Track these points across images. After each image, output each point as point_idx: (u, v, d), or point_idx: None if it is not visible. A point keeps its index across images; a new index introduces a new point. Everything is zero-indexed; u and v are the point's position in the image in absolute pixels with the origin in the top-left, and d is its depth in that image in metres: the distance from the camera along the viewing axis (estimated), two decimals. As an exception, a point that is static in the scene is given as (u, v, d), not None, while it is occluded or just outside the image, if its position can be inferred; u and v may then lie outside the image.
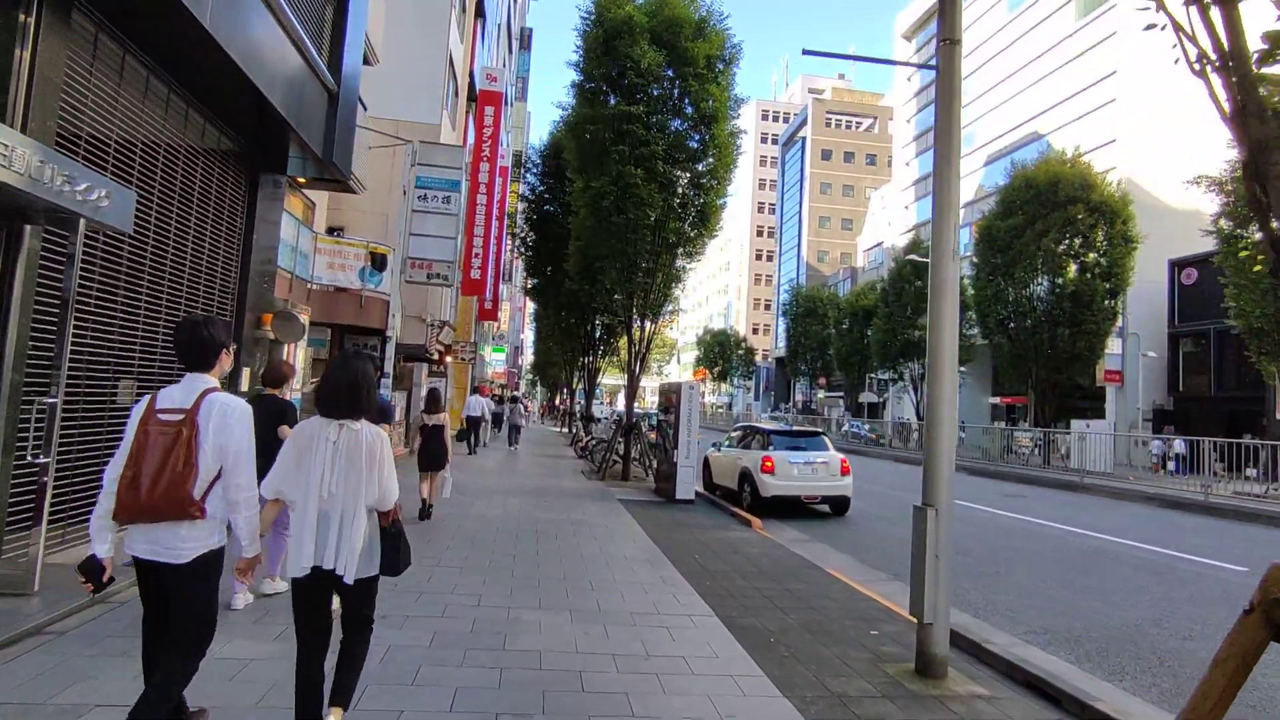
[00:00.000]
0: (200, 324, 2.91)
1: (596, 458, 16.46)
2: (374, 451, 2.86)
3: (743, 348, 71.54)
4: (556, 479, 13.99)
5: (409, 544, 3.06)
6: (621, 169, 13.04)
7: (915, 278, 37.85)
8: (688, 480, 11.27)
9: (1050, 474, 20.72)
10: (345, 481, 2.80)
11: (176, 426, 2.67)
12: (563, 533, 8.14)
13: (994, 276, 29.05)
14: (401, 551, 2.97)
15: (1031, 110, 39.36)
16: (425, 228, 14.15)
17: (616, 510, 10.19)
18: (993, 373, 44.45)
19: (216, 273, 8.00)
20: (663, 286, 14.50)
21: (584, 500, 11.00)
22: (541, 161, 24.56)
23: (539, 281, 25.32)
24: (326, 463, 2.79)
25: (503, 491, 11.48)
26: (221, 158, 7.95)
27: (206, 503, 2.68)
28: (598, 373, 26.88)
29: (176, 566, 2.66)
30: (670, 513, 10.26)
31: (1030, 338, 28.27)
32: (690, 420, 11.29)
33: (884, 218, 57.05)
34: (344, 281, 13.60)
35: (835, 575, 6.81)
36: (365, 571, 2.85)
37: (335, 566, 2.75)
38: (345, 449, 2.82)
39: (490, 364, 41.68)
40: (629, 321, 14.55)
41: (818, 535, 9.47)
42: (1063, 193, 27.15)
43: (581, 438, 20.51)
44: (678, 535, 8.48)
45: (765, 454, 10.68)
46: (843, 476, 10.76)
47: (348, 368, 2.92)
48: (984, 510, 12.56)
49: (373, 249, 14.01)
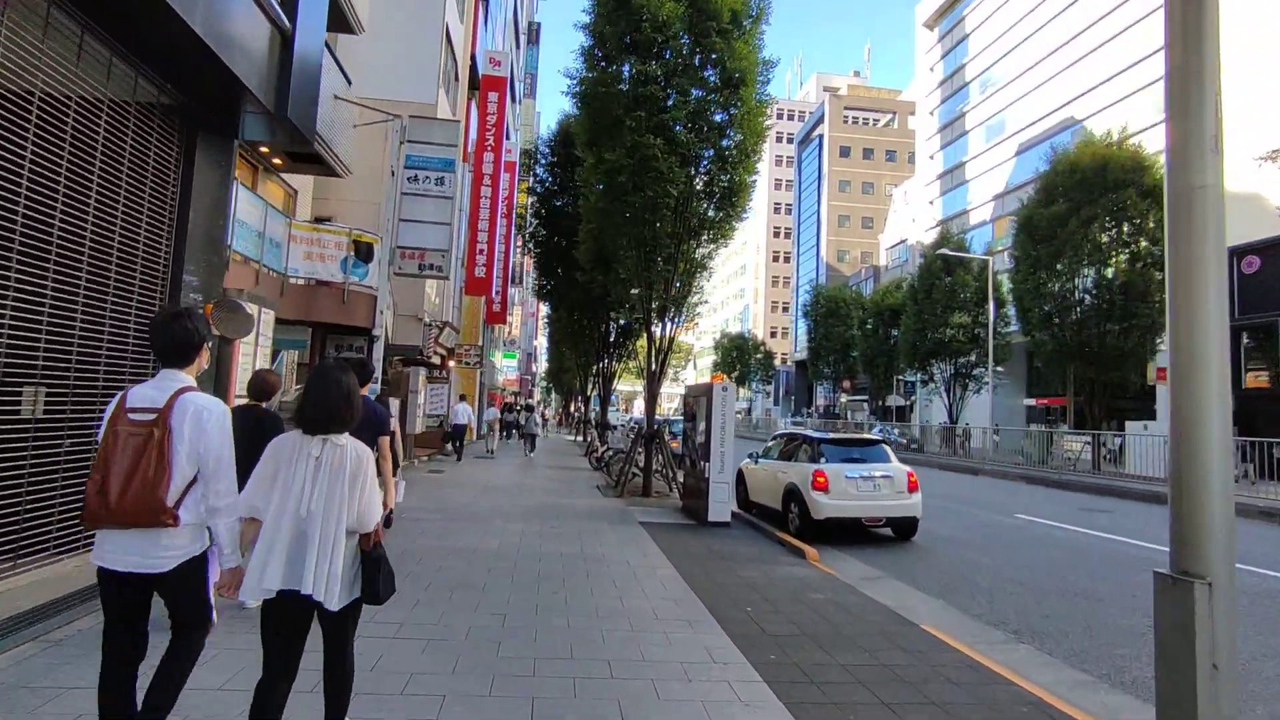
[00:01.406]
0: (181, 315, 2.72)
1: (613, 470, 14.74)
2: (357, 469, 2.68)
3: (761, 351, 69.80)
4: (568, 496, 12.26)
5: (391, 569, 2.82)
6: (638, 139, 11.34)
7: (945, 273, 35.94)
8: (722, 499, 9.50)
9: (1117, 482, 18.72)
10: (327, 499, 2.60)
11: (148, 427, 2.51)
12: (573, 574, 6.40)
13: (1035, 269, 27.13)
14: (384, 577, 2.76)
15: (1067, 94, 37.30)
16: (416, 212, 12.50)
17: (639, 537, 8.44)
18: (1026, 372, 42.33)
19: (137, 255, 6.37)
20: (686, 276, 12.76)
21: (599, 524, 9.26)
22: (550, 151, 22.97)
23: (550, 282, 23.68)
24: (308, 478, 2.60)
25: (504, 514, 9.77)
26: (143, 112, 6.33)
27: (181, 509, 2.53)
28: (613, 377, 25.24)
29: (160, 575, 2.54)
30: (703, 540, 8.50)
31: (1075, 334, 26.29)
32: (723, 428, 9.53)
33: (907, 214, 55.01)
34: (324, 274, 12.00)
35: (940, 638, 5.02)
36: (346, 598, 2.66)
37: (314, 592, 2.53)
38: (328, 465, 2.63)
39: (501, 370, 40.07)
40: (647, 317, 12.82)
41: (887, 568, 7.67)
42: (1112, 176, 25.22)
43: (596, 447, 18.79)
44: (718, 574, 6.72)
45: (816, 468, 8.87)
46: (910, 494, 8.94)
47: (327, 379, 2.72)
48: (1078, 531, 10.68)
49: (356, 237, 12.41)
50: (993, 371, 32.62)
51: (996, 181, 43.05)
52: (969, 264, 35.67)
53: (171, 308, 2.85)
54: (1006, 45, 42.72)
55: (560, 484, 14.04)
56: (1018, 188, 40.45)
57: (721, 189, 12.13)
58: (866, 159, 70.30)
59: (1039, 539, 9.66)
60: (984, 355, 34.27)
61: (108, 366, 5.96)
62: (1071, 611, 6.04)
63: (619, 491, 12.62)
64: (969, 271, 35.62)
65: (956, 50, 48.88)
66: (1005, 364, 36.06)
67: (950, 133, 49.19)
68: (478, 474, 15.31)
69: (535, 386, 72.53)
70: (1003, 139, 42.82)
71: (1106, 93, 34.35)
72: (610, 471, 14.82)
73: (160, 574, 2.54)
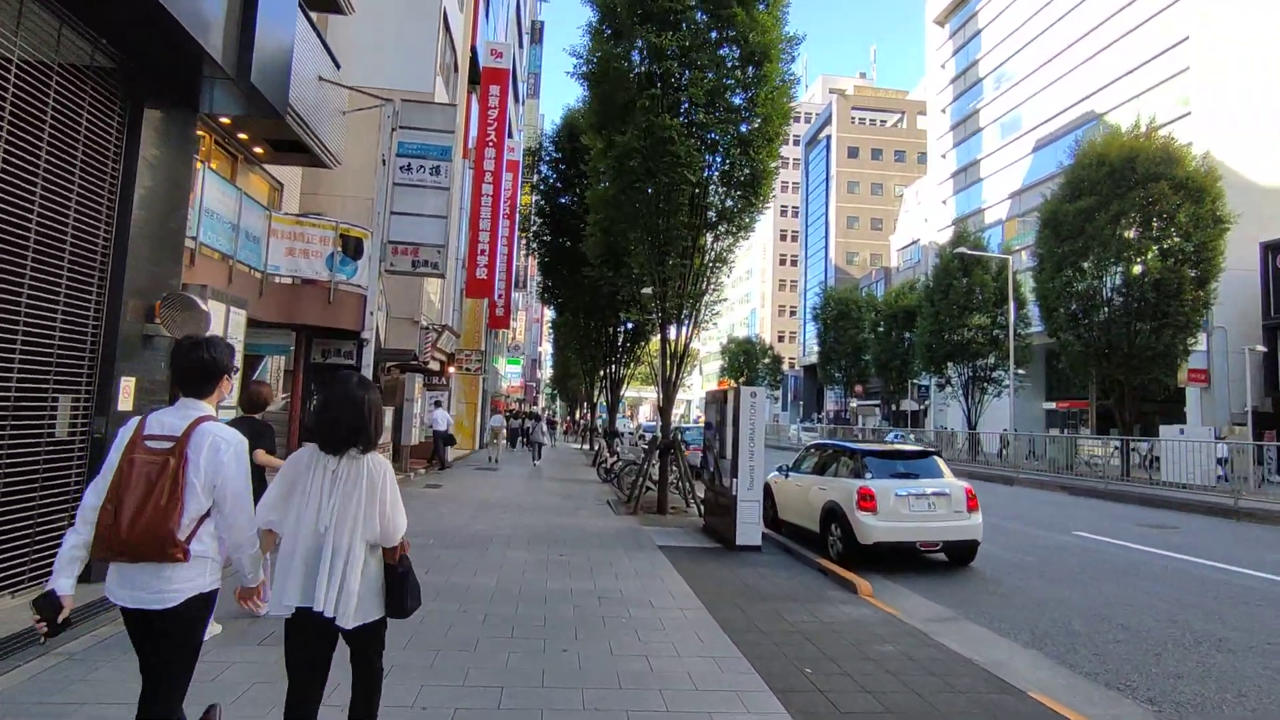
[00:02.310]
0: (201, 345, 2.63)
1: (624, 483, 13.65)
2: (375, 480, 2.59)
3: (769, 356, 68.65)
4: (576, 513, 11.17)
5: (418, 582, 2.73)
6: (653, 119, 10.29)
7: (962, 273, 34.79)
8: (752, 520, 8.39)
9: (1161, 491, 17.53)
10: (343, 513, 2.52)
11: (164, 456, 2.41)
12: (587, 621, 5.31)
13: (1061, 267, 25.97)
14: (409, 591, 2.65)
15: (1086, 88, 36.15)
16: (410, 205, 11.46)
17: (659, 567, 7.35)
18: (1045, 375, 41.08)
19: (64, 244, 5.33)
20: (704, 271, 11.69)
21: (613, 550, 8.17)
22: (555, 147, 21.92)
23: (554, 284, 22.62)
24: (324, 492, 2.53)
25: (504, 538, 8.68)
26: (71, 73, 5.30)
27: (192, 543, 2.41)
28: (621, 383, 24.15)
29: (161, 612, 2.38)
30: (733, 569, 7.39)
31: (1103, 334, 25.12)
32: (753, 439, 8.43)
33: (919, 214, 53.88)
34: (308, 271, 10.96)
35: (1063, 714, 3.90)
36: (370, 615, 2.58)
37: (326, 608, 2.44)
38: (346, 479, 2.56)
39: (505, 377, 39.03)
40: (663, 317, 11.74)
41: (955, 604, 6.55)
42: (1141, 169, 24.09)
43: (605, 457, 17.69)
44: (761, 619, 5.61)
45: (862, 484, 7.75)
46: (970, 513, 7.81)
47: (350, 396, 2.61)
48: (1155, 553, 9.54)
49: (344, 231, 11.37)
50: (1014, 374, 31.38)
51: (1013, 179, 41.91)
52: (987, 263, 34.52)
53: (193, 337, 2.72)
54: (1022, 39, 41.61)
55: (567, 499, 12.96)
56: (1036, 184, 39.31)
57: (744, 175, 11.06)
58: (875, 160, 69.24)
59: (1116, 564, 8.51)
60: (1003, 357, 33.13)
61: (22, 373, 4.91)
62: (1206, 668, 4.92)
63: (632, 508, 11.52)
64: (987, 271, 34.47)
65: (969, 46, 47.82)
66: (1025, 367, 34.86)
67: (963, 130, 48.07)
68: (477, 488, 14.24)
69: (540, 393, 71.56)
70: (1019, 135, 41.68)
71: (1128, 86, 33.20)
72: (621, 485, 13.73)
73: (160, 611, 2.39)
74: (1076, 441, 29.86)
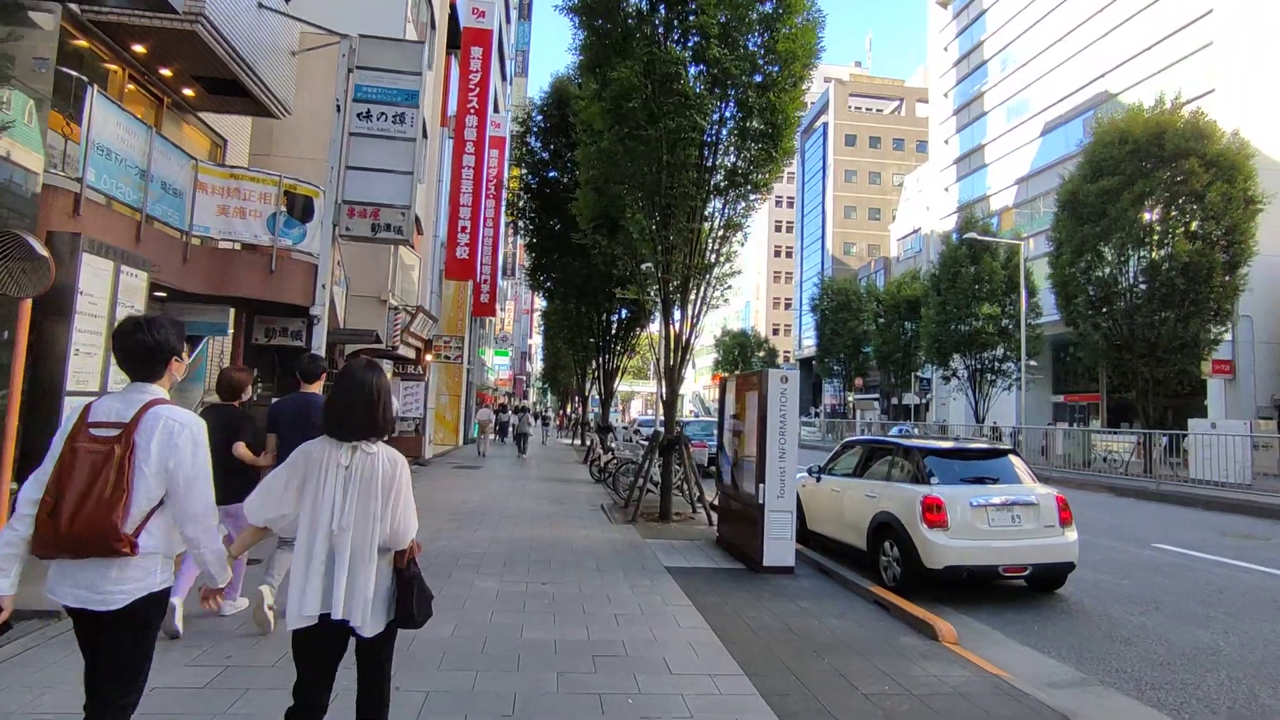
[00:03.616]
0: (141, 326, 2.29)
1: (621, 485, 11.98)
2: (391, 478, 2.38)
3: (764, 349, 67.22)
4: (565, 522, 9.49)
5: (429, 591, 2.50)
6: (655, 51, 8.60)
7: (971, 260, 33.26)
8: (783, 534, 6.73)
9: (1201, 491, 16.08)
10: (360, 514, 2.31)
11: (109, 444, 2.14)
12: (578, 701, 3.63)
13: (1082, 251, 24.47)
14: (420, 598, 2.44)
15: (1099, 68, 34.60)
16: (369, 158, 9.68)
17: (671, 600, 5.69)
18: (1053, 367, 39.67)
19: None
20: (714, 238, 10.02)
21: (611, 574, 6.50)
22: (544, 117, 20.11)
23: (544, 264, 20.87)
24: (338, 491, 2.30)
25: (475, 558, 6.99)
26: None
27: (141, 536, 2.14)
28: (614, 374, 22.48)
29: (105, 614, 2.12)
30: (768, 603, 5.73)
31: (1126, 322, 23.66)
32: (783, 435, 6.77)
33: (920, 202, 52.36)
34: (245, 234, 9.20)
35: None
36: (379, 625, 2.37)
37: (348, 616, 2.26)
38: (360, 475, 2.33)
39: (492, 369, 37.23)
40: (665, 294, 10.05)
41: (1067, 653, 4.92)
42: (1170, 146, 22.58)
43: (598, 454, 16.02)
44: (823, 687, 3.96)
45: (927, 492, 6.08)
46: (1063, 529, 6.15)
47: (359, 381, 2.39)
48: (1262, 572, 7.95)
49: (290, 187, 9.62)
50: (1025, 365, 29.90)
51: (1020, 164, 40.39)
52: (996, 250, 33.01)
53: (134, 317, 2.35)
54: (1030, 19, 40.01)
55: (555, 503, 11.28)
56: (1045, 169, 37.82)
57: (765, 123, 9.37)
58: (873, 148, 67.63)
59: (1240, 590, 6.79)
60: (1013, 348, 31.66)
61: None
62: None
63: (630, 514, 9.85)
64: (996, 258, 32.97)
65: (973, 27, 46.20)
66: (1034, 358, 33.44)
67: (967, 115, 46.50)
68: (454, 489, 12.53)
69: (530, 387, 69.87)
70: (1026, 118, 40.12)
71: (1145, 63, 31.66)
72: (617, 486, 12.06)
73: (108, 612, 2.12)
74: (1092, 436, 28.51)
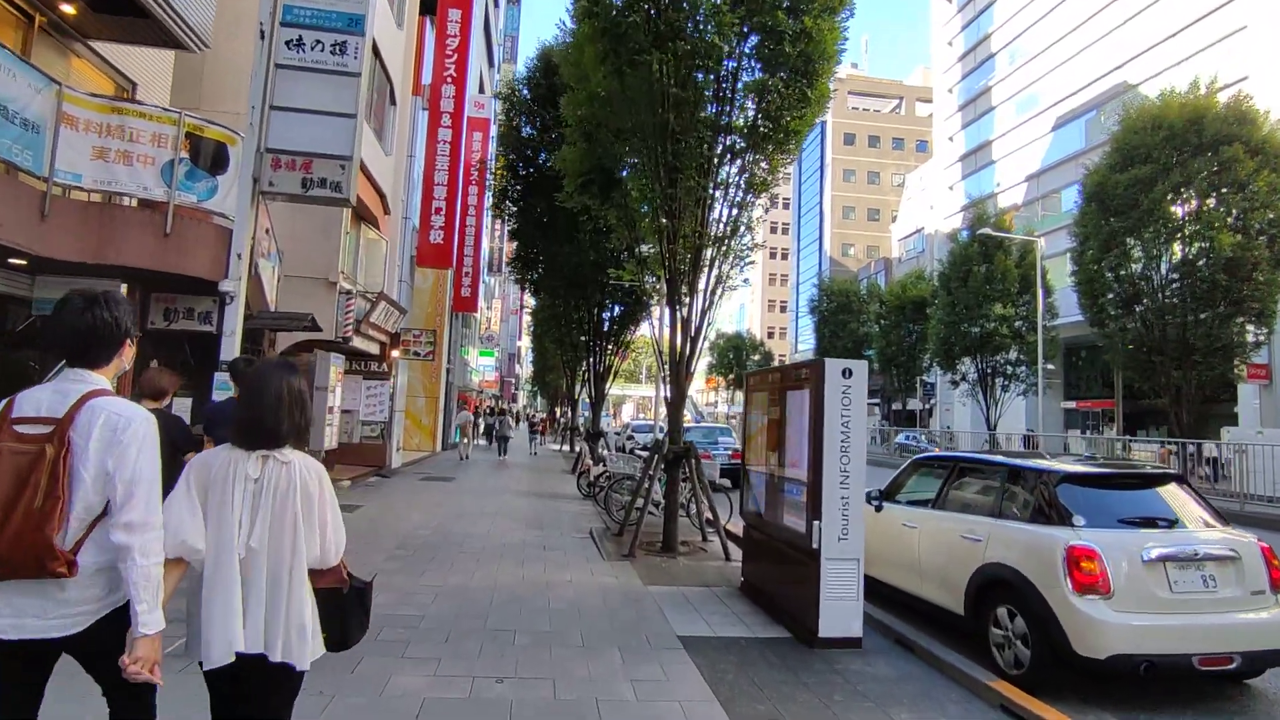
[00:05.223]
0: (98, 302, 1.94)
1: (614, 505, 9.96)
2: (311, 491, 2.06)
3: (760, 352, 65.44)
4: (545, 560, 7.45)
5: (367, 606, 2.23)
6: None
7: (983, 259, 31.48)
8: (847, 592, 4.73)
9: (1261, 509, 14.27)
10: (274, 532, 1.98)
11: (38, 443, 1.77)
12: None
13: (1110, 246, 22.73)
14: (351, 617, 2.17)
15: (1116, 58, 32.94)
16: (299, 96, 7.62)
17: (694, 704, 3.69)
18: (1065, 372, 37.96)
19: None
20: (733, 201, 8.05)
21: (603, 656, 4.50)
22: (530, 90, 18.07)
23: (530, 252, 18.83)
24: (246, 508, 1.98)
25: (407, 625, 4.96)
26: None
27: (83, 553, 1.79)
28: (606, 375, 20.46)
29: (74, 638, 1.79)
30: (842, 711, 3.74)
31: (1158, 322, 21.91)
32: (847, 449, 4.79)
33: (924, 201, 50.68)
34: (131, 185, 7.14)
35: None
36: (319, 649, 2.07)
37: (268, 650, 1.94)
38: (273, 488, 2.01)
39: (476, 370, 35.11)
40: (671, 270, 8.04)
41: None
42: (1210, 131, 20.84)
43: (587, 465, 14.00)
44: None
45: (1072, 539, 4.05)
46: (1275, 593, 4.21)
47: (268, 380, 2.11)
48: None
49: (194, 128, 7.57)
50: (1042, 369, 28.10)
51: (1031, 159, 38.72)
52: (1009, 248, 31.26)
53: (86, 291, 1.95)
54: (1041, 9, 38.38)
55: (534, 528, 9.25)
56: (1060, 163, 36.15)
57: (796, 54, 7.40)
58: (872, 147, 66.03)
59: None
60: (1027, 351, 29.91)
61: None
62: None
63: (626, 547, 7.82)
64: (1009, 256, 31.23)
65: (980, 19, 44.59)
66: (1051, 361, 31.68)
67: (973, 110, 44.84)
68: (413, 508, 10.46)
69: (519, 390, 67.76)
70: (1037, 113, 38.47)
71: (1168, 51, 30.02)
72: (609, 507, 10.04)
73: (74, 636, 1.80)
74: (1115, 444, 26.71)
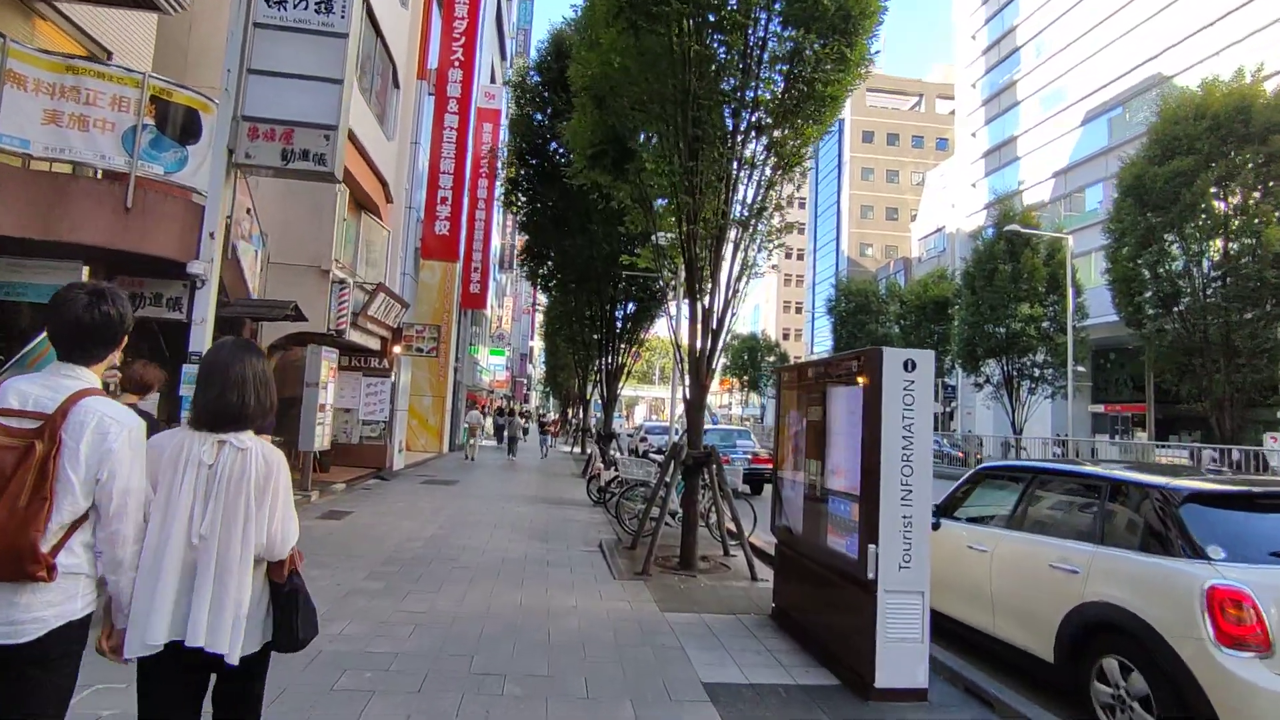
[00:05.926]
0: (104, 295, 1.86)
1: (625, 512, 9.13)
2: (266, 478, 1.96)
3: (775, 354, 64.33)
4: (549, 579, 6.63)
5: (313, 605, 2.08)
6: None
7: (1009, 257, 30.39)
8: (909, 631, 3.86)
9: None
10: (227, 520, 1.88)
11: (27, 439, 1.67)
12: None
13: (1149, 242, 21.67)
14: (301, 615, 2.03)
15: (1150, 49, 31.74)
16: (279, 59, 6.88)
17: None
18: (1092, 375, 36.72)
19: None
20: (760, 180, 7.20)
21: (613, 707, 3.67)
22: (540, 75, 17.32)
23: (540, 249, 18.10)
24: (198, 494, 1.88)
25: (377, 665, 4.16)
26: None
27: (61, 554, 1.71)
28: (618, 374, 19.68)
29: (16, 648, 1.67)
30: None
31: (1200, 322, 20.83)
32: (909, 458, 3.94)
33: (945, 199, 49.47)
34: (88, 154, 6.38)
35: None
36: (253, 646, 1.95)
37: (208, 642, 1.83)
38: (227, 475, 1.90)
39: (486, 369, 34.41)
40: (689, 254, 7.18)
41: None
42: (1258, 120, 19.75)
43: (598, 469, 13.17)
44: None
45: (1215, 579, 3.17)
46: None
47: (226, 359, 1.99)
48: None
49: (160, 91, 6.81)
50: (1072, 371, 26.97)
51: (1058, 155, 37.50)
52: (1036, 246, 30.13)
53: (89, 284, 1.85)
54: (1062, 5, 37.23)
55: (539, 540, 8.43)
56: (1089, 158, 34.95)
57: (836, 6, 6.55)
58: (891, 145, 64.80)
59: None
60: (1054, 353, 28.80)
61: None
62: None
63: (641, 565, 6.98)
64: (1037, 254, 30.10)
65: (1004, 12, 43.36)
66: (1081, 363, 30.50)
67: (997, 105, 43.63)
68: (407, 515, 9.68)
69: (531, 391, 67.15)
70: (1064, 107, 37.24)
71: (1206, 41, 28.81)
72: (622, 516, 9.20)
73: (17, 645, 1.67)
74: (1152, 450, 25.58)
